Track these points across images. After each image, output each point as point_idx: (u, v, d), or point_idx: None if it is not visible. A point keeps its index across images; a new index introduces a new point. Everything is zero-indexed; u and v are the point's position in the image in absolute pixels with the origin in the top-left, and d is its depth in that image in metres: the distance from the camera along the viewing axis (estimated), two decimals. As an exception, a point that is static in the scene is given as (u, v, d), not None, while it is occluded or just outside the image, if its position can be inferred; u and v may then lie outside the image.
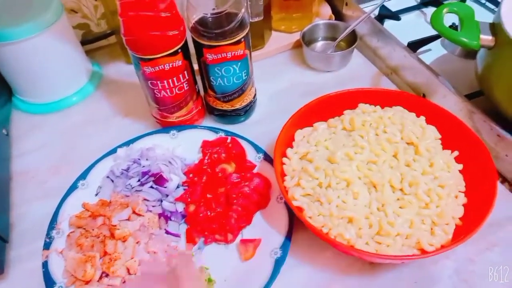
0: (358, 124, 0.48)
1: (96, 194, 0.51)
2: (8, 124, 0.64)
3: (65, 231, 0.47)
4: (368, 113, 0.50)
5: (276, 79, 0.69)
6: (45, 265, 0.44)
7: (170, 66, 0.51)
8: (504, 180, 0.51)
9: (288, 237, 0.45)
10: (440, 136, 0.48)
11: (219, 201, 0.48)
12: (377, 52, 0.69)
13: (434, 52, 0.69)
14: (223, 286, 0.43)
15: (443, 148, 0.48)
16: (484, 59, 0.53)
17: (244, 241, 0.46)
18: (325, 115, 0.53)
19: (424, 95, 0.61)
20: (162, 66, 0.50)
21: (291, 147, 0.50)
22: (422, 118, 0.49)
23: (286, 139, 0.50)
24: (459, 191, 0.44)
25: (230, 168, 0.51)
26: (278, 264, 0.43)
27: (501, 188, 0.51)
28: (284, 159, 0.48)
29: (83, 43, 0.73)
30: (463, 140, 0.47)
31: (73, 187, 0.51)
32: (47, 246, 0.46)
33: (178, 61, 0.51)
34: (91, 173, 0.53)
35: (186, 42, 0.52)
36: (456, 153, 0.47)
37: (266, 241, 0.45)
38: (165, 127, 0.59)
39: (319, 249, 0.46)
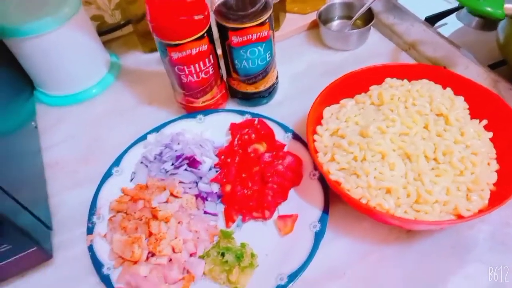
0: (387, 98, 0.49)
1: (131, 180, 0.53)
2: (35, 117, 0.65)
3: (106, 216, 0.48)
4: (395, 87, 0.50)
5: (294, 61, 0.70)
6: (91, 249, 0.45)
7: (197, 50, 0.51)
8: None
9: (326, 211, 0.46)
10: (467, 106, 0.49)
11: (254, 179, 0.49)
12: (393, 28, 0.69)
13: (451, 25, 0.69)
14: (265, 261, 0.44)
15: (471, 118, 0.49)
16: (506, 28, 0.54)
17: (282, 217, 0.47)
18: (351, 92, 0.53)
19: (445, 67, 0.61)
20: (189, 51, 0.51)
21: (320, 124, 0.51)
22: (449, 89, 0.50)
23: (315, 117, 0.51)
24: (491, 158, 0.45)
25: (262, 148, 0.52)
26: (318, 236, 0.44)
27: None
28: (315, 136, 0.49)
29: (99, 34, 0.73)
30: (491, 108, 0.47)
31: (108, 174, 0.52)
32: (90, 231, 0.47)
33: (204, 46, 0.52)
34: (123, 159, 0.54)
35: (210, 27, 0.52)
36: (485, 121, 0.48)
37: (303, 216, 0.47)
38: (191, 112, 0.59)
39: (355, 221, 0.47)
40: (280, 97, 0.64)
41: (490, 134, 0.47)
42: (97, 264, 0.44)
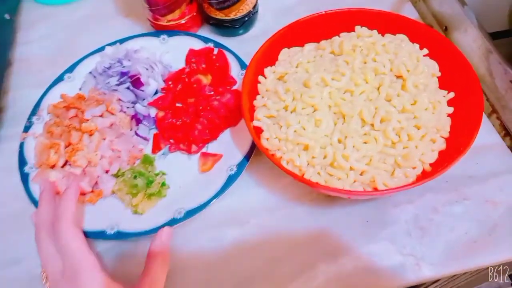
0: (347, 48, 0.43)
1: (80, 89, 0.52)
2: (14, 11, 0.65)
3: (45, 119, 0.49)
4: (362, 38, 0.44)
5: (287, -7, 0.63)
6: (21, 146, 0.47)
7: (158, -40, 0.47)
8: (507, 133, 0.45)
9: (247, 157, 0.43)
10: (439, 74, 0.43)
11: (188, 111, 0.47)
12: (409, -28, 0.59)
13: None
14: (176, 192, 0.44)
15: (440, 87, 0.42)
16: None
17: (204, 154, 0.45)
18: (319, 36, 0.47)
19: (446, 28, 0.52)
20: (149, -41, 0.47)
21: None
22: (424, 50, 0.43)
23: (270, 57, 0.47)
24: (440, 136, 0.40)
25: (205, 79, 0.49)
26: (231, 179, 0.42)
27: (500, 142, 0.45)
28: (260, 78, 0.45)
29: None
30: (463, 82, 0.41)
31: (59, 79, 0.53)
32: (26, 129, 0.49)
33: (167, -44, 0.47)
34: (78, 67, 0.53)
35: None
36: (451, 94, 0.41)
37: (227, 158, 0.45)
38: (157, 30, 0.56)
39: (277, 176, 0.44)
40: (258, 30, 0.59)
41: (451, 110, 0.41)
42: (21, 161, 0.46)
